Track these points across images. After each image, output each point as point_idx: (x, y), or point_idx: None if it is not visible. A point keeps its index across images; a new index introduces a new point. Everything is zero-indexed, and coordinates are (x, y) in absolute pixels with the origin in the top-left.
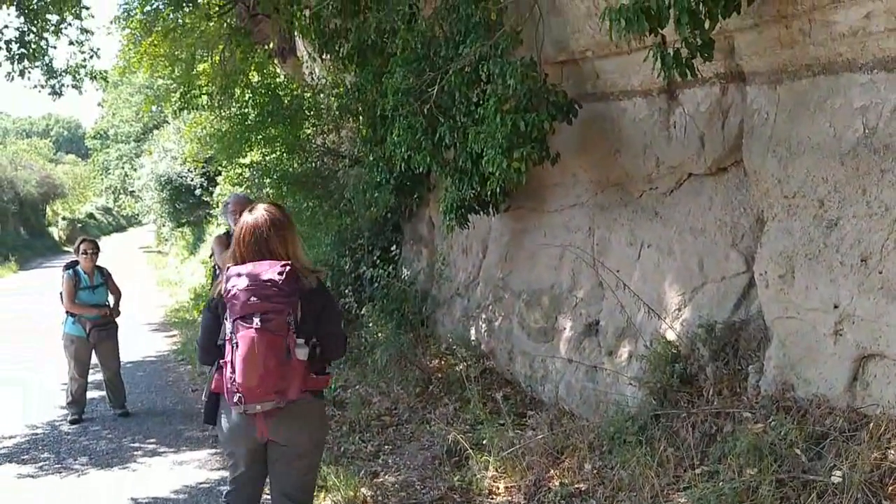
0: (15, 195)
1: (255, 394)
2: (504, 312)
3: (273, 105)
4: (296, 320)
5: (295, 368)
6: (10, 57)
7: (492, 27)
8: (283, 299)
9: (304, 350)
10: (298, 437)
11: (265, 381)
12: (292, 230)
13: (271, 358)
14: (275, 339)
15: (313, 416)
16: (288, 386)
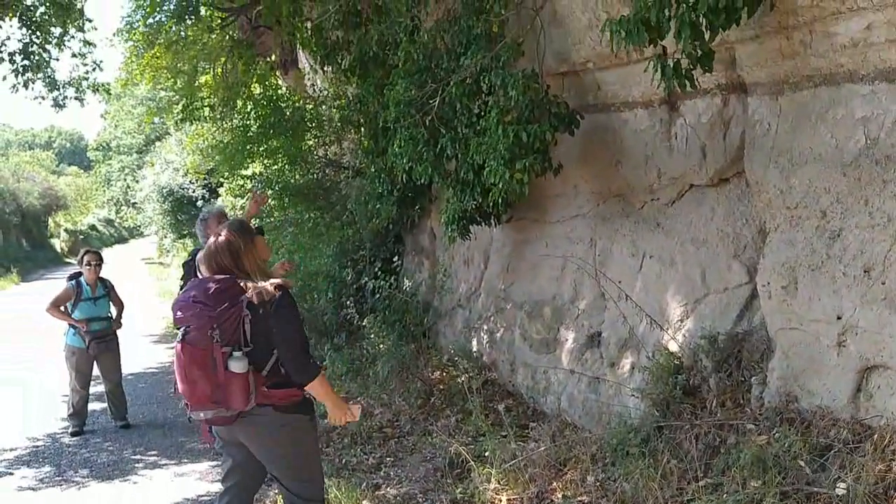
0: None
1: (193, 402)
2: (506, 324)
3: (275, 117)
4: (233, 333)
5: (232, 380)
6: (13, 69)
7: (493, 39)
8: (207, 313)
9: (239, 363)
10: (259, 448)
11: (194, 390)
12: (247, 247)
13: (195, 369)
14: (195, 351)
15: (271, 427)
16: (227, 396)
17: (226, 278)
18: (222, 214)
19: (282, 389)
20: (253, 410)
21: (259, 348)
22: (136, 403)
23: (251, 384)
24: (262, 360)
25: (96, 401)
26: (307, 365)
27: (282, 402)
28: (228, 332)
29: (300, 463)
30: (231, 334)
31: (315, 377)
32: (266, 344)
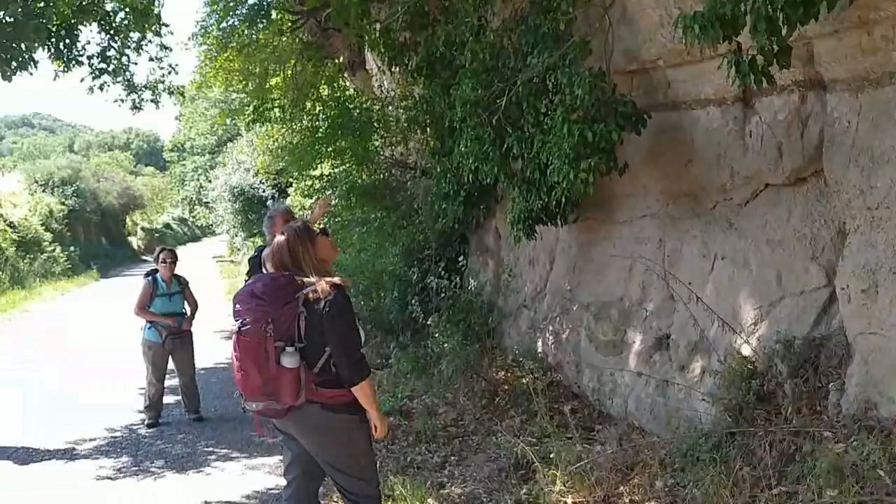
0: (97, 206)
1: (247, 393)
2: (571, 325)
3: (343, 118)
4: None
5: (283, 374)
6: (92, 72)
7: (560, 37)
8: (263, 308)
9: (291, 358)
10: (309, 443)
11: (247, 381)
12: (304, 247)
13: (248, 361)
14: (249, 344)
15: (319, 424)
16: (278, 390)
17: (284, 275)
18: (288, 212)
19: (331, 388)
20: (303, 406)
21: (312, 345)
22: (207, 397)
23: (302, 380)
24: (315, 357)
25: (171, 394)
26: (356, 365)
27: (330, 400)
28: (283, 327)
29: (351, 462)
30: (285, 330)
31: (363, 379)
32: (319, 341)
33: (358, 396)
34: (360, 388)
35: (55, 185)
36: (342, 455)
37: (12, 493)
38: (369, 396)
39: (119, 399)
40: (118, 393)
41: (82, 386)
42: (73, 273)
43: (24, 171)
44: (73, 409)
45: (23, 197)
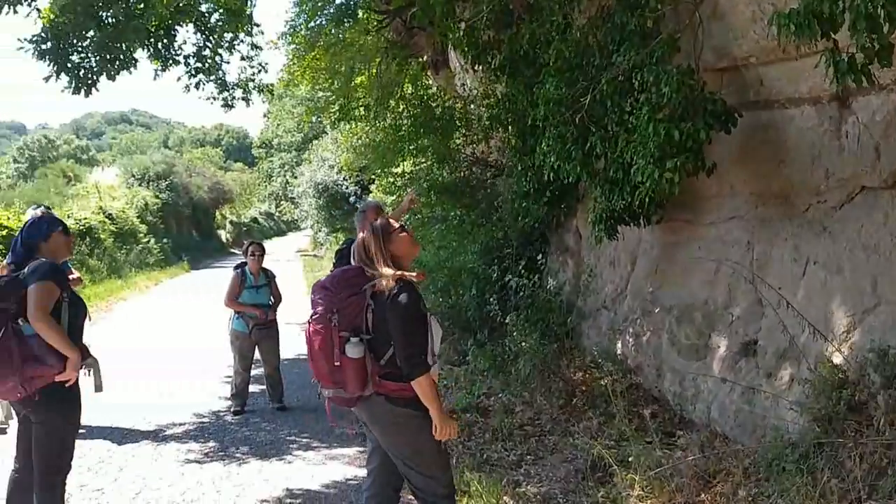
0: (189, 200)
1: (318, 380)
2: (653, 327)
3: (425, 116)
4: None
5: (348, 364)
6: (187, 71)
7: (647, 35)
8: (329, 298)
9: (355, 348)
10: (377, 435)
11: (317, 369)
12: (377, 243)
13: (316, 349)
14: (317, 332)
15: (384, 417)
16: (344, 379)
17: (354, 268)
18: (378, 208)
19: (395, 381)
20: (371, 397)
21: (379, 337)
22: (290, 388)
23: (368, 371)
24: (382, 349)
25: (256, 383)
26: (414, 359)
27: (393, 393)
28: (349, 318)
29: (416, 457)
30: (351, 321)
31: (419, 375)
32: (386, 334)
33: (418, 392)
34: (417, 384)
35: (150, 179)
36: (406, 450)
37: (107, 471)
38: (427, 393)
39: (207, 386)
40: (206, 380)
41: (173, 373)
42: (166, 264)
43: (121, 166)
44: (163, 394)
45: (120, 190)
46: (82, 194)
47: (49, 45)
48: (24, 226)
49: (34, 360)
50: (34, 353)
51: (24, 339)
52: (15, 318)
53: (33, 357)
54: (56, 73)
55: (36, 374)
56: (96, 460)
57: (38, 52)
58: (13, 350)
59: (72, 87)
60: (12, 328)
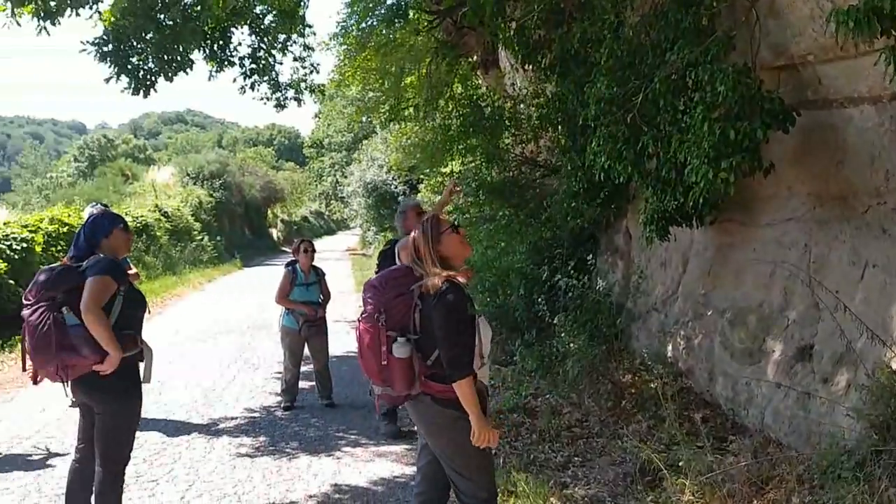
0: (242, 198)
1: (369, 377)
2: (705, 330)
3: (474, 115)
4: (402, 320)
5: (395, 364)
6: (242, 72)
7: (702, 32)
8: (376, 297)
9: (402, 348)
10: (424, 434)
11: (366, 366)
12: (427, 241)
13: (365, 348)
14: (366, 331)
15: (429, 417)
16: (391, 378)
17: (401, 267)
18: (418, 206)
19: (441, 382)
20: (418, 396)
21: (427, 338)
22: (339, 385)
23: (415, 371)
24: (429, 349)
25: (305, 380)
26: (455, 362)
27: (439, 394)
28: (396, 317)
29: (459, 459)
30: (399, 320)
31: (461, 378)
32: (432, 335)
33: (459, 396)
34: (458, 387)
35: (205, 177)
36: (449, 451)
37: (162, 462)
38: (468, 397)
39: (258, 382)
40: (257, 376)
41: (224, 367)
42: (219, 261)
43: (177, 165)
44: (216, 388)
45: (176, 188)
46: (139, 192)
47: (110, 47)
48: (87, 222)
49: (70, 349)
50: (71, 343)
51: (65, 328)
52: (59, 308)
53: (70, 346)
54: (116, 74)
55: (71, 363)
56: (151, 451)
57: (100, 54)
58: (52, 337)
59: (131, 88)
60: (54, 317)
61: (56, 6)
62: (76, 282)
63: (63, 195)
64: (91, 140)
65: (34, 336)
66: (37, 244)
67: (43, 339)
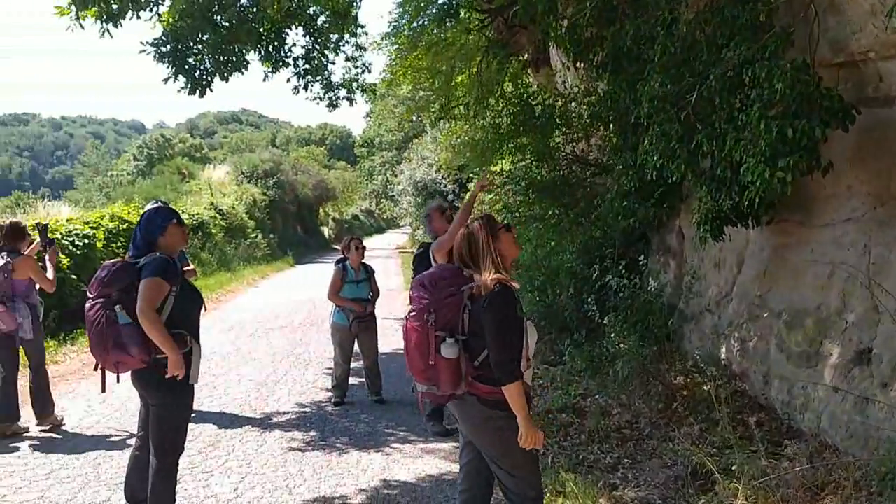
0: (295, 197)
1: (414, 375)
2: (760, 332)
3: (525, 114)
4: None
5: (442, 364)
6: (296, 72)
7: (759, 29)
8: (426, 297)
9: (450, 349)
10: (468, 433)
11: (412, 365)
12: (487, 240)
13: (412, 346)
14: (414, 330)
15: (475, 417)
16: (437, 377)
17: (451, 268)
18: (440, 207)
19: (487, 384)
20: (463, 396)
21: (474, 339)
22: (388, 381)
23: (462, 371)
24: (476, 351)
25: (354, 376)
26: (507, 365)
27: (486, 395)
28: (445, 318)
29: (506, 458)
30: (448, 321)
31: (510, 381)
32: (481, 336)
33: (507, 398)
34: (507, 390)
35: (259, 176)
36: (496, 450)
37: (216, 454)
38: (517, 401)
39: (308, 377)
40: (308, 371)
41: (277, 362)
42: (272, 259)
43: (232, 164)
44: (268, 382)
45: (230, 187)
46: (196, 191)
47: (168, 48)
48: (142, 221)
49: (121, 347)
50: (122, 341)
51: (117, 326)
52: (113, 305)
53: (121, 344)
54: (174, 74)
55: (120, 359)
56: (206, 444)
57: (158, 55)
58: (105, 334)
59: (188, 88)
60: (107, 315)
61: (118, 9)
62: (132, 279)
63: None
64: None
65: (91, 331)
66: (98, 240)
67: (97, 335)
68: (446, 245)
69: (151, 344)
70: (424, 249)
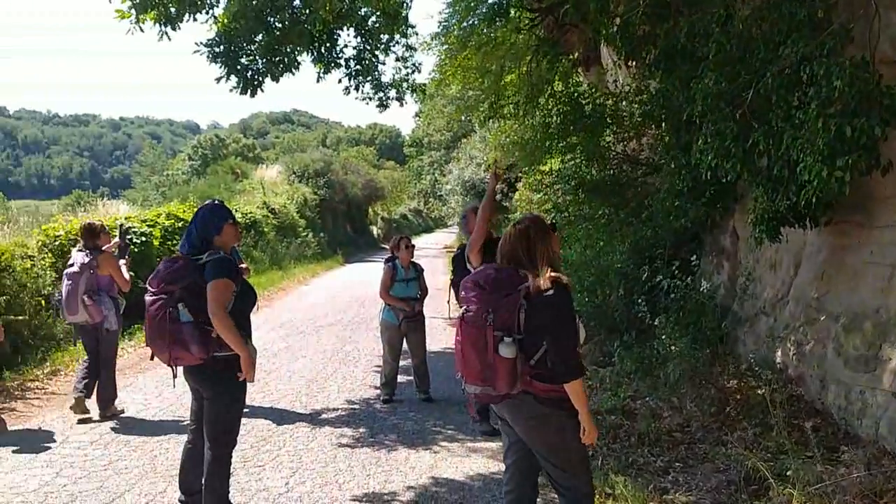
0: (345, 196)
1: (466, 377)
2: (817, 336)
3: (575, 113)
4: (508, 320)
5: (500, 363)
6: (347, 73)
7: (818, 25)
8: (484, 297)
9: (508, 348)
10: (521, 432)
11: (467, 366)
12: (542, 239)
13: (468, 346)
14: (470, 330)
15: (530, 416)
16: (494, 377)
17: (507, 268)
18: (476, 209)
19: (545, 382)
20: (518, 396)
21: (530, 338)
22: (436, 380)
23: (518, 370)
24: (532, 349)
25: (403, 374)
26: (570, 363)
27: (543, 393)
28: (503, 317)
29: (561, 456)
30: (505, 320)
31: (575, 378)
32: (537, 335)
33: (570, 395)
34: (571, 387)
35: (309, 176)
36: (552, 448)
37: (268, 448)
38: (580, 396)
39: (358, 374)
40: (357, 368)
41: (327, 359)
42: (322, 257)
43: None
44: (318, 379)
45: (282, 186)
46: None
47: (221, 48)
48: (197, 219)
49: (181, 344)
50: (183, 338)
51: (179, 323)
52: (176, 303)
53: (181, 341)
54: (226, 74)
55: (180, 355)
56: (258, 438)
57: (212, 55)
58: (166, 330)
59: (239, 88)
60: (169, 312)
61: (176, 12)
62: (194, 277)
63: (178, 192)
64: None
65: (151, 326)
66: (154, 238)
67: (158, 330)
68: (476, 243)
69: (211, 342)
70: (462, 250)
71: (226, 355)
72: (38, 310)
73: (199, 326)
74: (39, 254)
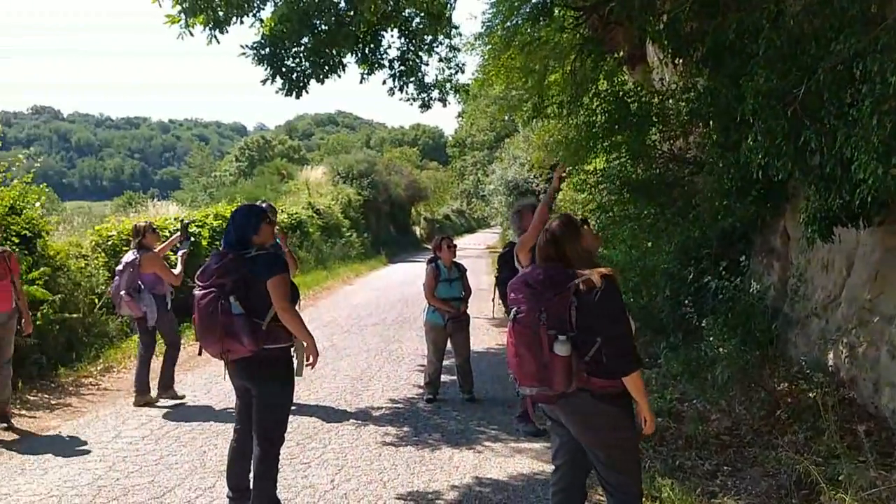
0: (388, 197)
1: (520, 378)
2: (871, 338)
3: (620, 112)
4: (560, 318)
5: (556, 362)
6: (391, 74)
7: (871, 21)
8: (536, 296)
9: (563, 346)
10: (576, 431)
11: (521, 367)
12: (571, 238)
13: (522, 348)
14: (524, 331)
15: (586, 413)
16: (550, 376)
17: (555, 266)
18: (534, 207)
19: (600, 378)
20: (573, 394)
21: (584, 334)
22: (479, 380)
23: (573, 368)
24: (586, 346)
25: (447, 373)
26: (626, 356)
27: (599, 390)
28: (555, 316)
29: (614, 454)
30: (558, 318)
31: (632, 371)
32: (590, 331)
33: (629, 387)
34: (630, 380)
35: (354, 177)
36: (606, 445)
37: (314, 446)
38: (640, 388)
39: (402, 374)
40: (401, 368)
41: (371, 359)
42: (366, 257)
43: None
44: (363, 378)
45: (327, 187)
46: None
47: (267, 50)
48: (235, 219)
49: (233, 336)
50: (235, 330)
51: (231, 316)
52: (228, 296)
53: (233, 333)
54: (272, 76)
55: (231, 347)
56: (304, 436)
57: (258, 58)
58: (218, 322)
59: (284, 90)
60: (221, 304)
61: (224, 15)
62: (243, 271)
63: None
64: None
65: (203, 319)
66: (203, 238)
67: (210, 323)
68: (528, 243)
69: (261, 335)
70: (510, 249)
71: (275, 348)
72: (91, 308)
73: (250, 319)
74: (93, 253)
